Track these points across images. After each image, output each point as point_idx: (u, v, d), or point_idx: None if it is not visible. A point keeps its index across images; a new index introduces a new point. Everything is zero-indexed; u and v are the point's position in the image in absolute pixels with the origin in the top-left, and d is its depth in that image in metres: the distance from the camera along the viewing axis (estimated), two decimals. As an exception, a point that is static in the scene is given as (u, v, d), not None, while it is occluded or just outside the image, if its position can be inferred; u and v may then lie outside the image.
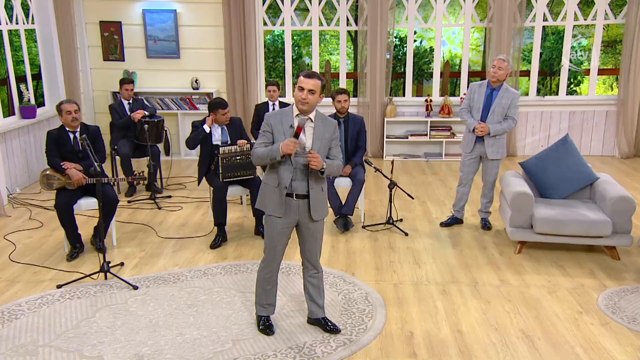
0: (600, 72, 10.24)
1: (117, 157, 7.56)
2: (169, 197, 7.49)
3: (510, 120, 6.05)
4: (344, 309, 4.60)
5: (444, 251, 5.80)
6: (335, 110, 6.49)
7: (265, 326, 4.26)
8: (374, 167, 6.36)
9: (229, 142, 6.17)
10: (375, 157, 9.64)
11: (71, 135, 5.68)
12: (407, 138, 9.51)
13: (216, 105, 6.09)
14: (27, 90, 8.17)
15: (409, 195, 6.47)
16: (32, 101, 8.27)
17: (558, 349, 4.08)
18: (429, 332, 4.30)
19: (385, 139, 9.52)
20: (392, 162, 6.57)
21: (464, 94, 7.55)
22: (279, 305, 4.61)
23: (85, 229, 6.12)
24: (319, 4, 9.34)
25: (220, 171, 5.94)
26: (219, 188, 5.95)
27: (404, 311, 4.60)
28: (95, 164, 5.04)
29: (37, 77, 8.81)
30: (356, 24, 9.35)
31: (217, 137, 6.21)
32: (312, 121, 3.96)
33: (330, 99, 6.60)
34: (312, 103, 3.84)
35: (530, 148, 9.51)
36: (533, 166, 6.06)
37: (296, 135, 3.80)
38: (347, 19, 9.42)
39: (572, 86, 10.68)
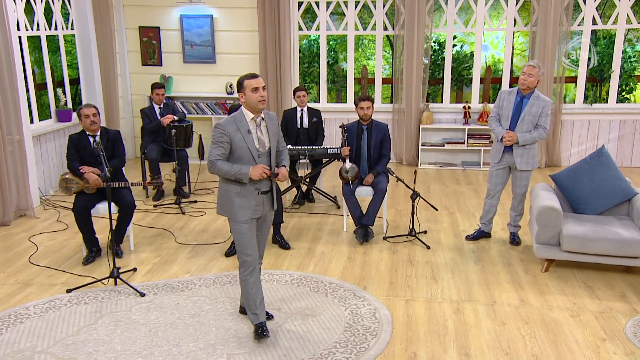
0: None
1: (146, 161, 7.60)
2: (195, 202, 7.48)
3: (541, 129, 5.73)
4: (348, 325, 4.42)
5: (465, 266, 5.53)
6: (358, 117, 6.33)
7: (261, 332, 4.15)
8: (396, 177, 6.14)
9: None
10: (409, 165, 9.39)
11: (91, 139, 5.71)
12: (444, 146, 9.22)
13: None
14: (64, 94, 8.35)
15: (432, 206, 6.23)
16: (69, 105, 8.44)
17: (571, 380, 3.79)
18: (434, 354, 4.06)
19: (420, 147, 9.26)
20: (415, 171, 6.34)
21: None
22: (281, 318, 4.49)
23: (105, 233, 6.15)
24: (355, 8, 9.19)
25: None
26: (236, 195, 5.88)
27: (412, 330, 4.38)
28: (106, 169, 5.02)
29: (76, 81, 8.98)
30: (393, 29, 9.12)
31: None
32: (263, 120, 4.10)
33: (354, 106, 6.43)
34: (265, 101, 4.02)
35: (576, 158, 9.04)
36: (565, 179, 5.71)
37: (275, 175, 4.12)
38: (384, 23, 9.22)
39: (623, 93, 10.11)
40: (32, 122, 7.61)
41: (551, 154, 9.06)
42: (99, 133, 5.75)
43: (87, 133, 5.71)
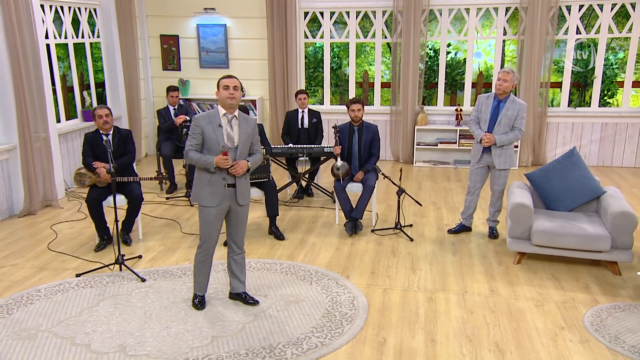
0: (635, 84, 9.38)
1: (161, 158, 7.62)
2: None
3: (516, 130, 5.60)
4: (327, 312, 4.36)
5: (443, 258, 5.43)
6: (349, 119, 6.26)
7: (199, 302, 4.40)
8: (383, 174, 6.06)
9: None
10: (405, 163, 9.27)
11: (104, 137, 5.72)
12: (437, 145, 9.08)
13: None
14: (90, 96, 8.40)
15: (417, 202, 6.13)
16: (94, 106, 8.48)
17: (527, 366, 3.69)
18: (402, 339, 3.99)
19: (415, 146, 9.13)
20: (401, 169, 6.23)
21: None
22: (266, 304, 4.46)
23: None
24: (356, 17, 9.08)
25: (236, 174, 5.83)
26: (235, 190, 5.85)
27: (385, 317, 4.31)
28: (111, 165, 5.03)
29: (101, 85, 9.02)
30: (391, 37, 9.00)
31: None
32: (237, 119, 4.13)
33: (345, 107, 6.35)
34: (238, 98, 4.06)
35: (560, 157, 8.86)
36: (539, 178, 5.57)
37: (225, 156, 4.05)
38: (383, 32, 9.10)
39: (605, 98, 9.84)
40: (59, 121, 7.67)
41: (537, 153, 8.87)
42: (111, 132, 5.77)
43: (101, 132, 5.72)
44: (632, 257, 4.86)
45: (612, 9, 8.32)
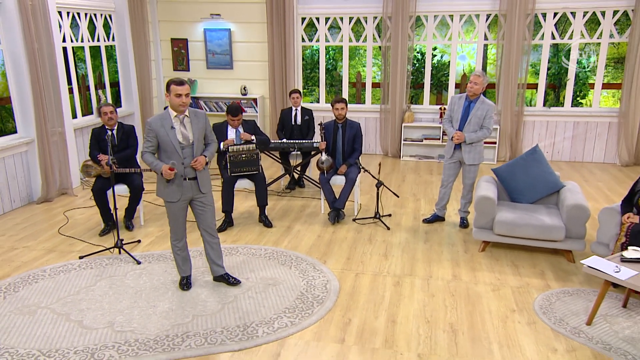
0: (605, 86, 9.21)
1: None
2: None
3: (485, 129, 5.53)
4: (301, 294, 4.36)
5: (415, 245, 5.39)
6: (334, 117, 6.22)
7: (185, 283, 4.43)
8: (363, 168, 6.03)
9: (241, 142, 6.05)
10: (393, 157, 9.21)
11: (109, 132, 5.75)
12: (422, 141, 9.00)
13: (227, 111, 6.00)
14: (105, 94, 8.43)
15: (394, 193, 6.08)
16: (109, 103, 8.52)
17: (475, 344, 3.66)
18: (366, 320, 3.98)
19: (402, 142, 9.06)
20: (379, 164, 6.19)
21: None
22: (247, 286, 4.47)
23: (120, 210, 6.18)
24: (349, 22, 9.00)
25: (228, 167, 5.83)
26: (227, 181, 5.85)
27: (353, 299, 4.29)
28: (110, 157, 5.04)
29: (116, 84, 9.04)
30: (381, 41, 8.90)
31: (231, 137, 6.10)
32: (187, 117, 4.06)
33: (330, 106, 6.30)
34: (188, 103, 3.99)
35: (536, 153, 8.75)
36: (504, 173, 5.50)
37: (171, 170, 4.02)
38: (374, 36, 9.01)
39: (578, 99, 9.67)
40: (75, 117, 7.71)
41: (514, 149, 8.75)
42: (116, 127, 5.78)
43: (106, 127, 5.74)
44: (584, 246, 4.80)
45: (584, 16, 8.15)
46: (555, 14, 8.27)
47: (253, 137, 6.07)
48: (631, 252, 3.89)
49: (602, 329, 3.80)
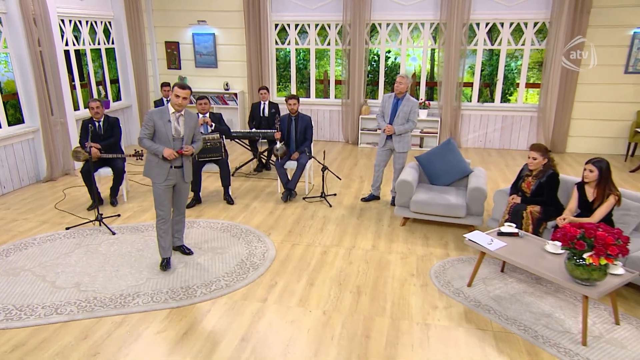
0: (529, 85, 9.18)
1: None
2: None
3: (410, 122, 5.57)
4: (241, 261, 4.46)
5: (349, 220, 5.48)
6: (287, 111, 6.24)
7: (164, 264, 4.28)
8: (310, 155, 6.08)
9: (208, 132, 6.08)
10: (353, 144, 9.23)
11: (96, 124, 5.78)
12: (376, 131, 9.02)
13: (198, 97, 6.06)
14: (105, 90, 8.42)
15: (337, 176, 6.15)
16: (109, 97, 8.54)
17: (373, 302, 3.77)
18: (289, 283, 4.08)
19: (360, 131, 9.09)
20: (324, 151, 6.23)
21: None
22: (198, 254, 4.55)
23: (104, 188, 6.22)
24: (315, 28, 8.94)
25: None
26: (195, 165, 5.91)
27: (284, 266, 4.39)
28: (88, 146, 5.10)
29: (116, 81, 9.03)
30: (342, 44, 8.85)
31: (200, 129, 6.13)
32: (182, 116, 4.08)
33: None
34: (184, 105, 4.01)
35: (472, 142, 8.78)
36: (425, 160, 5.56)
37: (179, 153, 4.06)
38: (336, 40, 8.95)
39: (507, 96, 9.64)
40: (77, 109, 7.73)
41: (454, 138, 8.77)
42: (102, 119, 5.81)
43: (94, 119, 5.78)
44: (481, 221, 4.91)
45: (510, 26, 8.09)
46: (487, 24, 8.20)
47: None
48: (506, 227, 3.98)
49: (479, 290, 3.91)
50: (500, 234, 3.94)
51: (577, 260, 3.14)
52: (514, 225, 4.06)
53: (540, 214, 4.25)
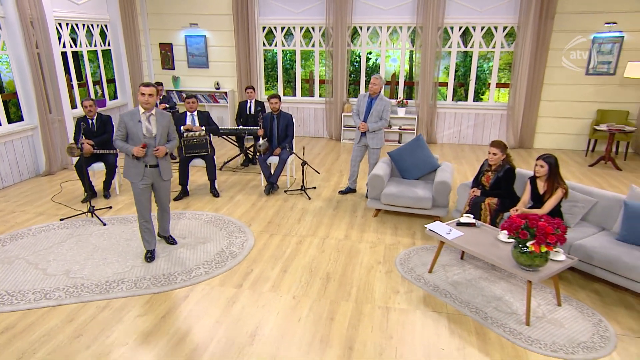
0: (499, 85, 9.25)
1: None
2: (175, 162, 7.57)
3: (383, 120, 5.64)
4: (221, 250, 4.52)
5: (325, 212, 5.54)
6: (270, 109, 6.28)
7: (149, 256, 4.29)
8: (291, 151, 6.14)
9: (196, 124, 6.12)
10: (336, 140, 9.29)
11: (90, 122, 5.81)
12: (358, 127, 9.06)
13: (187, 96, 6.09)
14: (102, 89, 8.42)
15: (315, 170, 6.22)
16: (106, 96, 8.53)
17: (340, 288, 3.85)
18: (264, 270, 4.16)
19: (342, 128, 9.14)
20: (304, 147, 6.29)
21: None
22: (182, 244, 4.61)
23: (98, 182, 6.27)
24: (300, 31, 8.95)
25: (183, 149, 5.93)
26: (182, 160, 5.96)
27: (260, 254, 4.46)
28: (79, 142, 5.13)
29: (112, 80, 9.02)
30: (326, 46, 8.88)
31: (189, 122, 6.17)
32: (153, 115, 4.02)
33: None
34: (152, 102, 3.94)
35: (447, 138, 8.86)
36: (396, 155, 5.63)
37: (143, 148, 3.98)
38: (320, 42, 8.97)
39: (479, 95, 9.72)
40: (75, 107, 7.74)
41: (430, 134, 8.85)
42: (95, 117, 5.84)
43: (87, 117, 5.80)
44: (446, 212, 5.00)
45: (482, 30, 8.15)
46: (460, 28, 8.25)
47: (199, 128, 6.09)
48: (465, 218, 4.06)
49: (439, 276, 4.01)
50: (459, 224, 4.03)
51: (522, 248, 3.23)
52: (472, 216, 4.15)
53: (497, 206, 4.34)
